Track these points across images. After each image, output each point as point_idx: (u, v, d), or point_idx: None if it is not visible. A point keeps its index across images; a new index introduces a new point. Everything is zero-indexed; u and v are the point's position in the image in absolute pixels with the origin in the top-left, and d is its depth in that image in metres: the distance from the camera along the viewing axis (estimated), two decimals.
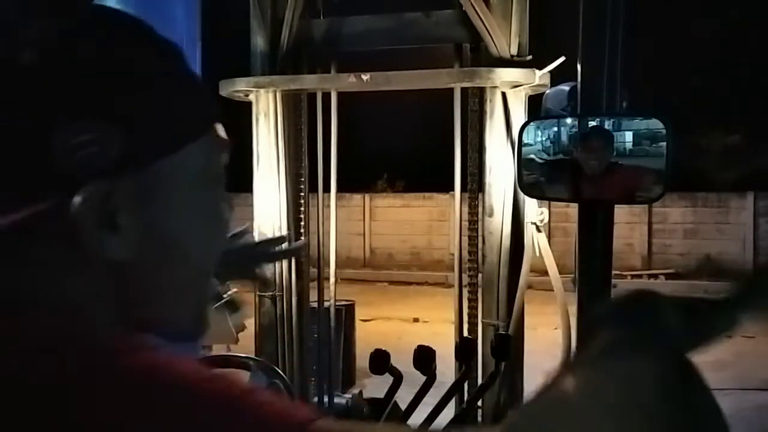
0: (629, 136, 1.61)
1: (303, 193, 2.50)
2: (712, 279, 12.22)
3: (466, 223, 2.40)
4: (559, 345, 2.06)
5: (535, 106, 2.12)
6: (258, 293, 2.52)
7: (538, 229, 2.17)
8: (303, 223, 2.50)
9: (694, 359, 0.50)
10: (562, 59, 2.16)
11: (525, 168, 1.76)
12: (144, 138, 0.52)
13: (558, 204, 2.34)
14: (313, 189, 2.52)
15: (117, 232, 0.52)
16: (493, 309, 2.27)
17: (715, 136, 14.39)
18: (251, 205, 2.46)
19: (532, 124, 1.77)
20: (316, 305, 2.56)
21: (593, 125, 1.66)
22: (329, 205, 2.54)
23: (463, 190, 2.39)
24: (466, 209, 2.40)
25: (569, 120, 1.72)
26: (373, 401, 2.33)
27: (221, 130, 0.60)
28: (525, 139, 1.74)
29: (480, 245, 2.33)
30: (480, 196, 2.32)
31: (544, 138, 1.73)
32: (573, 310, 1.80)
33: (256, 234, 2.36)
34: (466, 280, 2.41)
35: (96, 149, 0.49)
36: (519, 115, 2.21)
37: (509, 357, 2.17)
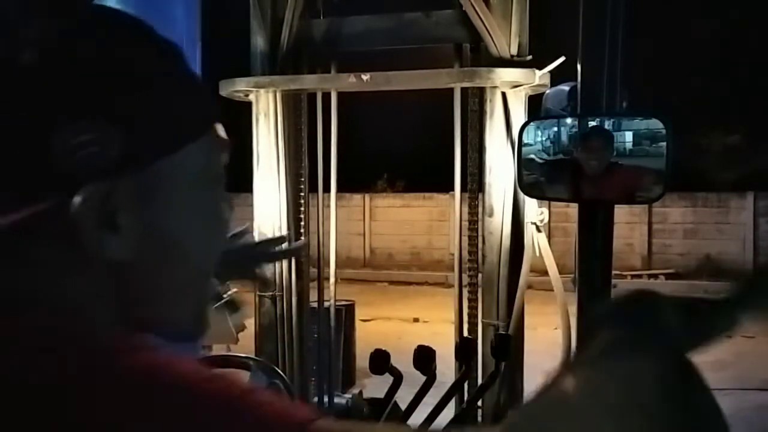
0: (629, 136, 1.61)
1: (303, 193, 2.50)
2: (712, 279, 12.21)
3: (466, 223, 2.39)
4: (559, 345, 2.06)
5: (535, 106, 2.12)
6: (258, 293, 2.52)
7: (538, 229, 2.17)
8: (303, 223, 2.50)
9: (694, 359, 0.50)
10: (562, 59, 2.16)
11: (525, 168, 1.76)
12: (144, 138, 0.52)
13: (558, 204, 2.34)
14: (313, 189, 2.52)
15: (117, 232, 0.52)
16: (493, 309, 2.27)
17: (715, 136, 14.39)
18: (251, 205, 2.46)
19: (532, 124, 1.77)
20: (316, 305, 2.56)
21: (593, 125, 1.66)
22: (329, 205, 2.54)
23: (463, 190, 2.38)
24: (466, 209, 2.40)
25: (569, 120, 1.72)
26: (373, 401, 2.33)
27: (221, 130, 0.60)
28: (525, 139, 1.74)
29: (480, 245, 2.33)
30: (480, 196, 2.32)
31: (544, 138, 1.73)
32: (573, 310, 1.80)
33: (256, 234, 2.36)
34: (466, 280, 2.41)
35: (96, 149, 0.49)
36: (519, 115, 2.21)
37: (509, 357, 2.17)
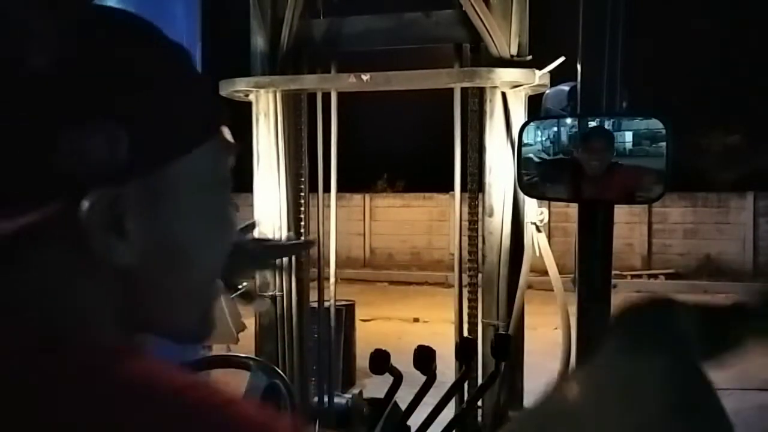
0: (629, 136, 1.61)
1: (303, 193, 2.50)
2: (712, 279, 12.23)
3: (466, 223, 2.39)
4: (559, 345, 2.06)
5: (535, 106, 2.12)
6: (258, 293, 2.52)
7: (538, 229, 2.17)
8: (303, 223, 2.50)
9: (706, 368, 0.49)
10: (562, 59, 2.16)
11: (525, 168, 1.76)
12: (152, 141, 0.52)
13: (558, 204, 2.34)
14: (313, 189, 2.52)
15: (124, 236, 0.51)
16: (493, 309, 2.27)
17: (715, 136, 14.39)
18: (251, 205, 2.46)
19: (532, 124, 1.78)
20: (316, 305, 2.56)
21: (594, 126, 1.66)
22: (329, 205, 2.54)
23: (463, 190, 2.38)
24: (466, 209, 2.39)
25: (569, 120, 1.72)
26: (373, 401, 2.33)
27: (228, 133, 0.60)
28: (525, 139, 1.74)
29: (480, 245, 2.33)
30: (480, 196, 2.32)
31: (544, 138, 1.73)
32: (573, 310, 1.80)
33: (257, 233, 2.36)
34: (466, 280, 2.41)
35: (104, 153, 0.49)
36: (519, 115, 2.21)
37: (509, 357, 2.17)
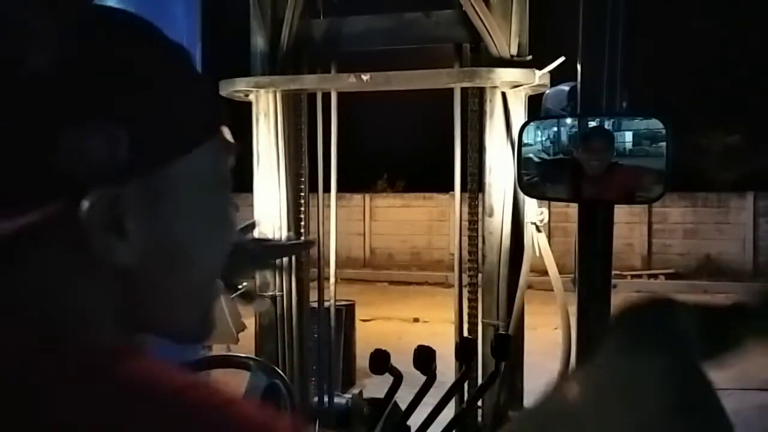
0: (629, 136, 1.61)
1: (303, 193, 2.50)
2: (712, 279, 12.23)
3: (466, 223, 2.39)
4: (559, 345, 2.06)
5: (535, 106, 2.12)
6: (258, 293, 2.52)
7: (538, 229, 2.17)
8: (303, 223, 2.50)
9: (706, 368, 0.49)
10: (562, 59, 2.16)
11: (525, 168, 1.76)
12: (153, 141, 0.52)
13: (558, 204, 2.34)
14: (313, 189, 2.52)
15: (124, 236, 0.51)
16: (493, 309, 2.27)
17: (715, 136, 14.40)
18: (251, 205, 2.45)
19: (532, 124, 1.78)
20: (316, 305, 2.56)
21: (594, 126, 1.66)
22: (329, 205, 2.54)
23: (463, 190, 2.38)
24: (466, 209, 2.39)
25: (569, 120, 1.72)
26: (373, 401, 2.33)
27: (228, 133, 0.60)
28: (525, 139, 1.74)
29: (480, 245, 2.33)
30: (480, 196, 2.32)
31: (544, 138, 1.73)
32: (573, 310, 1.80)
33: (256, 233, 2.36)
34: (466, 280, 2.41)
35: (105, 153, 0.49)
36: (519, 115, 2.21)
37: (509, 357, 2.17)
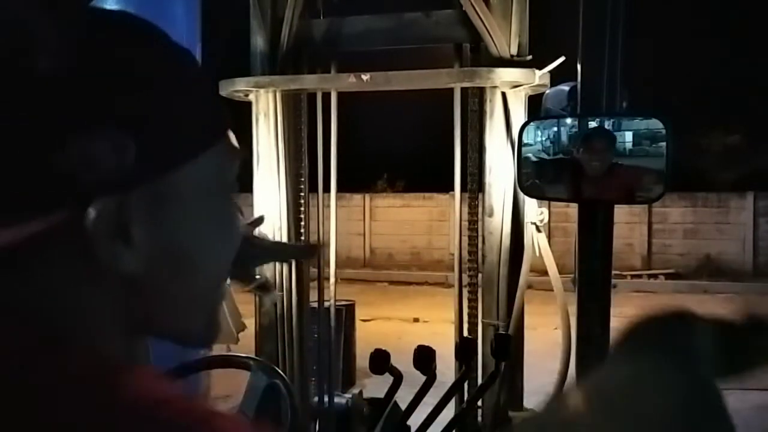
0: (629, 136, 1.61)
1: (303, 193, 2.50)
2: (712, 279, 12.23)
3: (466, 223, 2.39)
4: (559, 345, 2.06)
5: (535, 106, 2.12)
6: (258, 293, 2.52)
7: (538, 229, 2.17)
8: (303, 223, 2.50)
9: (721, 385, 0.48)
10: (562, 59, 2.16)
11: (525, 168, 1.76)
12: (159, 147, 0.51)
13: (558, 204, 2.34)
14: (313, 189, 2.52)
15: (131, 243, 0.51)
16: (493, 309, 2.27)
17: (715, 136, 14.41)
18: (251, 205, 2.45)
19: (532, 124, 1.78)
20: (316, 305, 2.56)
21: (595, 126, 1.66)
22: (329, 205, 2.54)
23: (463, 190, 2.38)
24: (466, 209, 2.39)
25: (569, 120, 1.72)
26: (373, 401, 2.32)
27: (233, 137, 0.59)
28: (525, 139, 1.74)
29: (480, 245, 2.33)
30: (480, 196, 2.32)
31: (544, 138, 1.73)
32: (573, 310, 1.80)
33: (256, 232, 2.35)
34: (466, 280, 2.41)
35: (111, 160, 0.48)
36: (519, 115, 2.21)
37: (509, 357, 2.17)
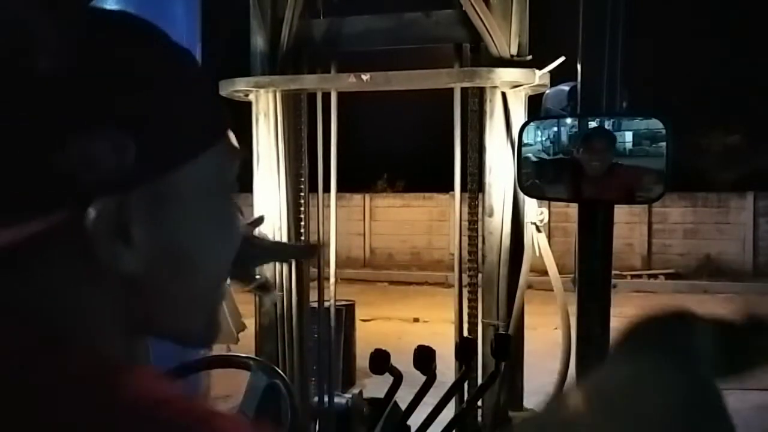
0: (629, 136, 1.61)
1: (303, 193, 2.50)
2: (712, 279, 12.23)
3: (466, 223, 2.39)
4: (559, 345, 2.06)
5: (535, 106, 2.12)
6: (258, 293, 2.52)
7: (538, 229, 2.17)
8: (303, 223, 2.50)
9: (722, 387, 0.48)
10: (562, 59, 2.16)
11: (525, 168, 1.76)
12: (159, 147, 0.51)
13: (558, 204, 2.34)
14: (313, 189, 2.52)
15: (131, 244, 0.51)
16: (493, 309, 2.27)
17: (715, 136, 14.41)
18: (251, 205, 2.45)
19: (532, 124, 1.78)
20: (316, 305, 2.56)
21: (595, 126, 1.66)
22: (329, 205, 2.54)
23: (463, 190, 2.38)
24: (466, 209, 2.40)
25: (569, 120, 1.72)
26: (373, 401, 2.33)
27: (233, 137, 0.59)
28: (525, 139, 1.74)
29: (480, 245, 2.33)
30: (480, 196, 2.32)
31: (544, 138, 1.73)
32: (573, 310, 1.80)
33: (256, 233, 2.35)
34: (466, 280, 2.41)
35: (111, 160, 0.48)
36: (519, 115, 2.21)
37: (509, 357, 2.17)
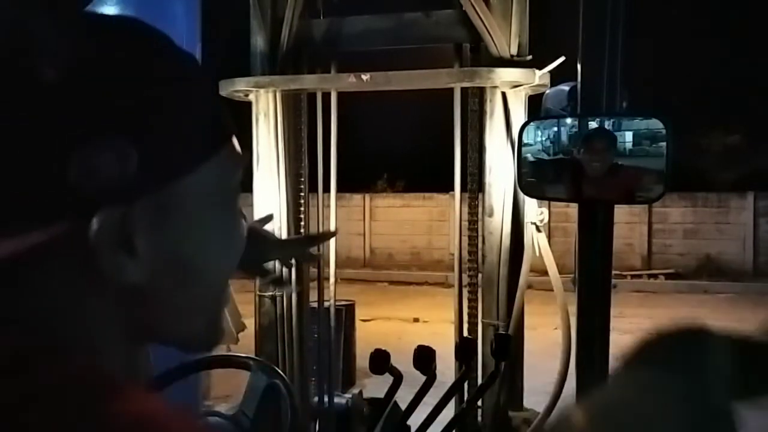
0: (629, 136, 1.61)
1: (303, 193, 2.50)
2: (712, 279, 12.23)
3: (466, 223, 2.39)
4: (559, 345, 2.06)
5: (535, 106, 2.12)
6: (258, 293, 2.52)
7: (538, 229, 2.17)
8: (303, 223, 2.50)
9: (738, 409, 0.47)
10: (562, 59, 2.16)
11: (525, 168, 1.76)
12: (163, 157, 0.51)
13: (558, 204, 2.34)
14: (313, 189, 2.52)
15: (134, 254, 0.50)
16: (493, 309, 2.27)
17: (715, 136, 14.41)
18: (251, 205, 2.45)
19: (532, 124, 1.77)
20: (316, 305, 2.56)
21: (595, 126, 1.66)
22: (329, 205, 2.54)
23: (463, 190, 2.38)
24: (466, 209, 2.40)
25: (569, 120, 1.72)
26: (373, 401, 2.33)
27: (236, 143, 0.58)
28: (525, 139, 1.74)
29: (480, 245, 2.33)
30: (480, 196, 2.32)
31: (544, 138, 1.73)
32: (573, 310, 1.80)
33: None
34: (466, 280, 2.41)
35: (115, 170, 0.48)
36: (519, 115, 2.21)
37: (509, 357, 2.17)
